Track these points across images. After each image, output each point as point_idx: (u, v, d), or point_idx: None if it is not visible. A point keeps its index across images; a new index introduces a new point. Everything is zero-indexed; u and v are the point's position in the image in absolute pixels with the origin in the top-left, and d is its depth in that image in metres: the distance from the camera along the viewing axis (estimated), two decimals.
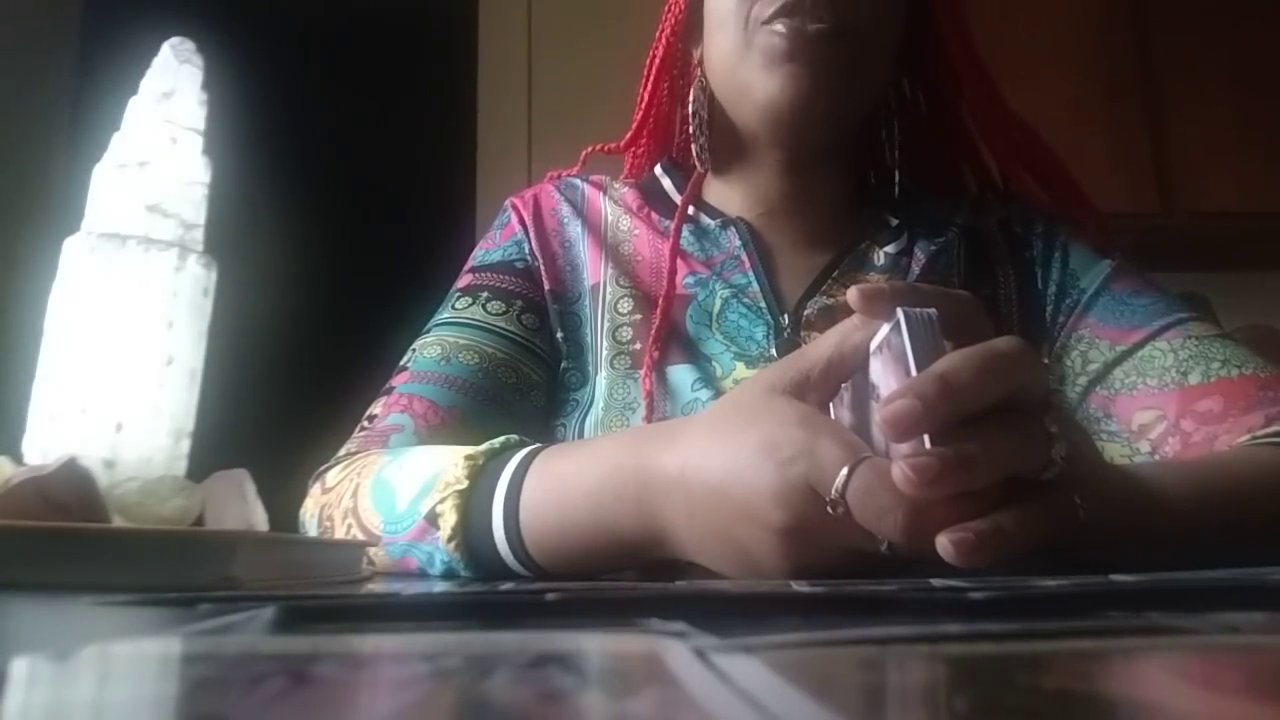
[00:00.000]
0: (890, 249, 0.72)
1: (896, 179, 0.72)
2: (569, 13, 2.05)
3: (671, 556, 0.45)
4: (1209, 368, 0.62)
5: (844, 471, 0.36)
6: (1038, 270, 0.72)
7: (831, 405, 0.42)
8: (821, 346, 0.42)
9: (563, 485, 0.47)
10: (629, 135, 0.79)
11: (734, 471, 0.40)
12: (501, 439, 0.52)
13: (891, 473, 0.34)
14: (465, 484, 0.49)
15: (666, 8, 0.75)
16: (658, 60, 0.76)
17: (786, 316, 0.68)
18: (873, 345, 0.40)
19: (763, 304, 0.68)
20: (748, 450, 0.40)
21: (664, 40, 0.75)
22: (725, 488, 0.40)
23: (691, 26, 0.73)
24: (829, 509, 0.36)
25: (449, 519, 0.49)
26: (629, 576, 0.49)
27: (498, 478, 0.49)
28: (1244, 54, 1.90)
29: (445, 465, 0.51)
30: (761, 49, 0.64)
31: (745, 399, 0.43)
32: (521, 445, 0.52)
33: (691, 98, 0.73)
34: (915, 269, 0.71)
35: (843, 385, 0.42)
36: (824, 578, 0.38)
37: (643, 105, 0.77)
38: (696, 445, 0.43)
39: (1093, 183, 0.78)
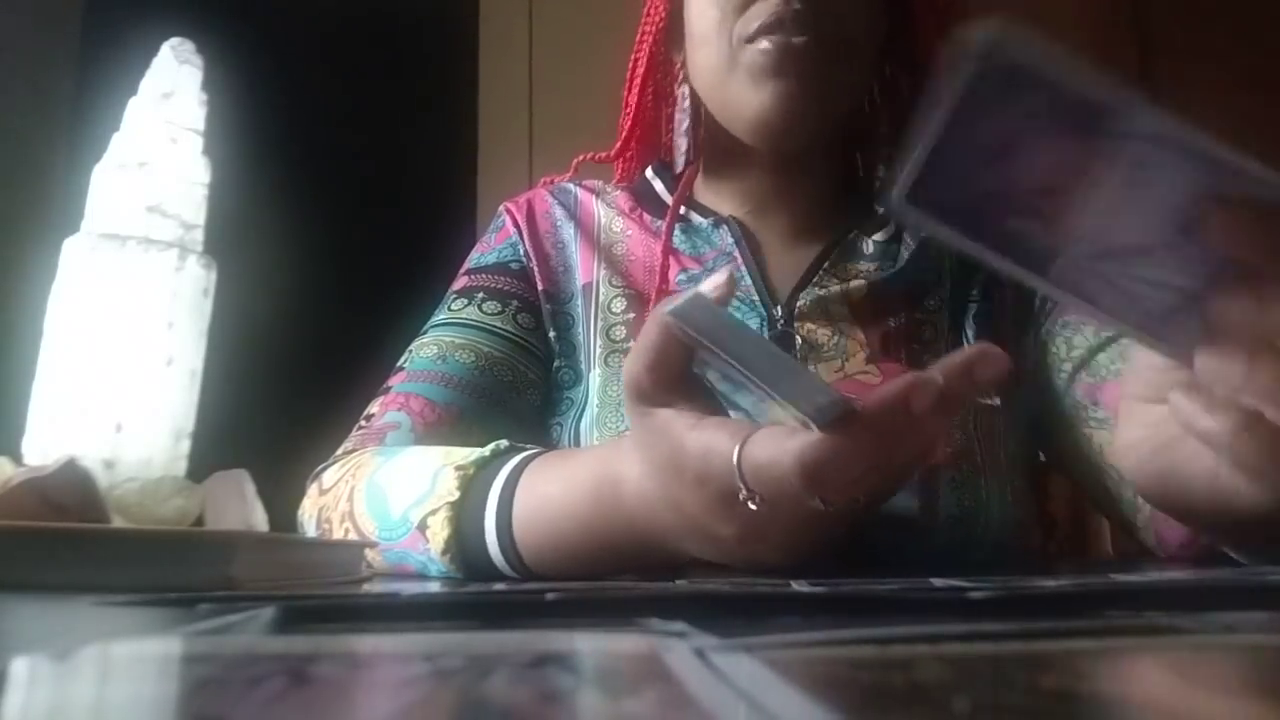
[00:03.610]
0: (879, 237, 0.72)
1: (888, 169, 0.72)
2: (570, 15, 2.04)
3: (676, 553, 0.45)
4: None
5: (734, 466, 0.37)
6: None
7: (707, 378, 0.43)
8: (637, 356, 0.42)
9: (548, 506, 0.48)
10: (618, 144, 0.79)
11: (672, 504, 0.42)
12: (491, 446, 0.52)
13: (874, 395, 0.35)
14: (456, 495, 0.50)
15: (645, 14, 0.75)
16: (640, 67, 0.75)
17: (779, 309, 0.68)
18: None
19: (755, 297, 0.68)
20: (663, 486, 0.41)
21: (645, 47, 0.75)
22: (680, 515, 0.42)
23: (672, 32, 0.73)
24: (750, 505, 0.37)
25: (442, 532, 0.49)
26: (629, 576, 0.49)
27: (488, 491, 0.50)
28: (1244, 54, 1.90)
29: (436, 473, 0.51)
30: (747, 66, 0.64)
31: (633, 427, 0.44)
32: (512, 452, 0.52)
33: (679, 96, 0.73)
34: (905, 255, 0.71)
35: (698, 360, 0.42)
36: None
37: (629, 112, 0.77)
38: (634, 480, 0.44)
39: None
